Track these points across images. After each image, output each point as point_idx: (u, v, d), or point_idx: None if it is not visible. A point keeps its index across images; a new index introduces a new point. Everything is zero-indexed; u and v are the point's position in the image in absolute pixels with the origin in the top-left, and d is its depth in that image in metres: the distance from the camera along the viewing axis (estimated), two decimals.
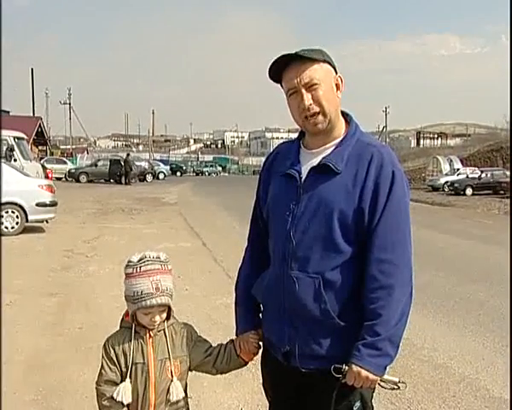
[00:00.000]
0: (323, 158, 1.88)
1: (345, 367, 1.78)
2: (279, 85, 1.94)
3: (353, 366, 1.76)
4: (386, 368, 1.80)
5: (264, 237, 2.05)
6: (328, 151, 1.89)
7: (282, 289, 1.89)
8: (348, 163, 1.85)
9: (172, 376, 2.01)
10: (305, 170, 1.90)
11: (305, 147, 1.97)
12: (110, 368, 1.99)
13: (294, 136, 2.14)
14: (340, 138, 1.91)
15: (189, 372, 2.13)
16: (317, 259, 1.84)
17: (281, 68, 1.88)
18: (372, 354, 1.75)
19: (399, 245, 1.82)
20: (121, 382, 1.98)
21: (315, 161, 1.89)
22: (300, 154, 1.97)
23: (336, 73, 1.92)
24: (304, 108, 1.84)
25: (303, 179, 1.89)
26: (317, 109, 1.84)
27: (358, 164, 1.84)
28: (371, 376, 1.76)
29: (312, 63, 1.84)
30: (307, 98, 1.83)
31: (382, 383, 1.85)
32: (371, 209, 1.81)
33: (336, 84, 1.90)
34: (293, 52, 1.85)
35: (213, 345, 2.17)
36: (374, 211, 1.81)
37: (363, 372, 1.75)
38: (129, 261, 2.02)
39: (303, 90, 1.83)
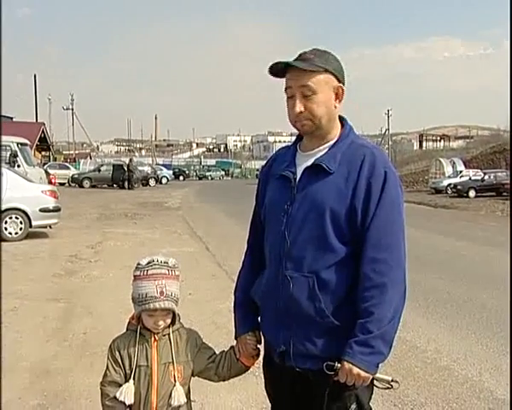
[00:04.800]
0: (317, 159, 1.91)
1: (337, 365, 1.79)
2: (280, 85, 1.96)
3: (345, 363, 1.77)
4: (378, 366, 1.81)
5: (263, 240, 2.06)
6: (322, 153, 1.93)
7: (278, 288, 1.90)
8: (341, 163, 1.88)
9: (175, 380, 2.03)
10: (299, 171, 1.94)
11: (301, 150, 2.01)
12: (115, 369, 2.03)
13: None
14: (334, 140, 1.95)
15: (193, 377, 2.14)
16: (312, 258, 1.85)
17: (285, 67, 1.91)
18: (364, 352, 1.76)
19: (392, 244, 1.83)
20: (125, 383, 2.01)
21: (308, 162, 1.93)
22: (296, 156, 2.00)
23: (340, 81, 1.92)
24: (295, 113, 1.89)
25: (297, 180, 1.93)
26: (307, 116, 1.89)
27: (351, 164, 1.87)
28: (363, 373, 1.77)
29: (311, 72, 1.85)
30: (299, 106, 1.87)
31: (376, 382, 1.85)
32: (364, 208, 1.83)
33: (336, 94, 1.92)
34: (293, 60, 1.88)
35: (216, 350, 2.18)
36: (367, 210, 1.83)
37: (355, 369, 1.76)
38: (138, 264, 2.06)
39: (297, 98, 1.88)
